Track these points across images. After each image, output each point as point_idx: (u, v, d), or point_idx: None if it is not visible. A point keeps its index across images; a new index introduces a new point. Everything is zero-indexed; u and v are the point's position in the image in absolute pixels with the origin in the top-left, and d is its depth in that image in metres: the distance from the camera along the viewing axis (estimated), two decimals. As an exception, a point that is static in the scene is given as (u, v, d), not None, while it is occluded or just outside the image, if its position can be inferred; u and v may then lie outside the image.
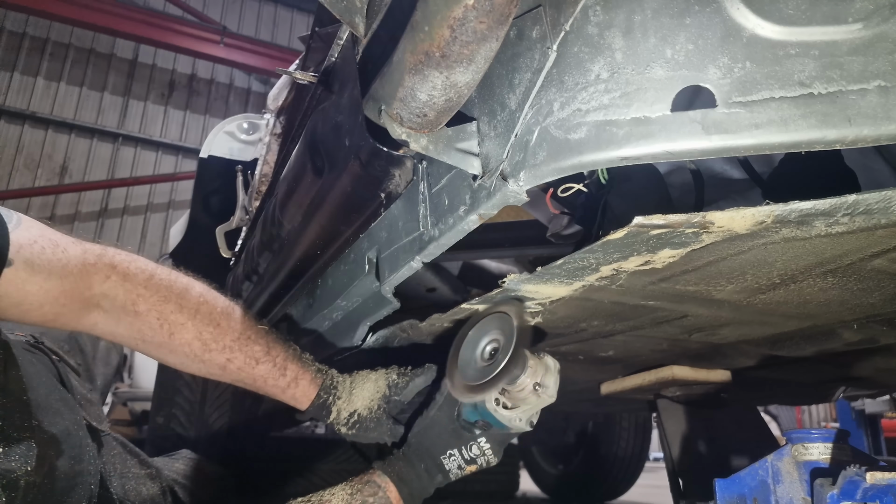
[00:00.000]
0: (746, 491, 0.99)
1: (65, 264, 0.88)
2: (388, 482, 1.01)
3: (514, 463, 3.58)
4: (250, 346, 1.07)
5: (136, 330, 0.99)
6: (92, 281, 0.93)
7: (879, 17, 0.58)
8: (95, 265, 0.93)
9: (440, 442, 1.05)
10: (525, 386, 0.99)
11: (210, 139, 2.99)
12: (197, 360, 1.05)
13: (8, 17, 9.26)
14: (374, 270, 1.13)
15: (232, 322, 1.06)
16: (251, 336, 1.08)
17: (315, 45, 1.58)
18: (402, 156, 0.91)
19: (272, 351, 1.09)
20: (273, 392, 1.11)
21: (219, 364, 1.05)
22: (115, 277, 0.95)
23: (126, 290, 0.96)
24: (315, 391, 1.12)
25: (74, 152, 9.56)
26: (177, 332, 1.01)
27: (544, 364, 1.02)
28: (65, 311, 0.91)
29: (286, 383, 1.10)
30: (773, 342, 1.24)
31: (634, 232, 0.70)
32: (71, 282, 0.89)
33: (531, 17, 0.70)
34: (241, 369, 1.07)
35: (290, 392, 1.11)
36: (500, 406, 1.01)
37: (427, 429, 1.06)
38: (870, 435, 5.99)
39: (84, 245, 0.93)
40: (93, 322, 0.96)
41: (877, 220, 0.68)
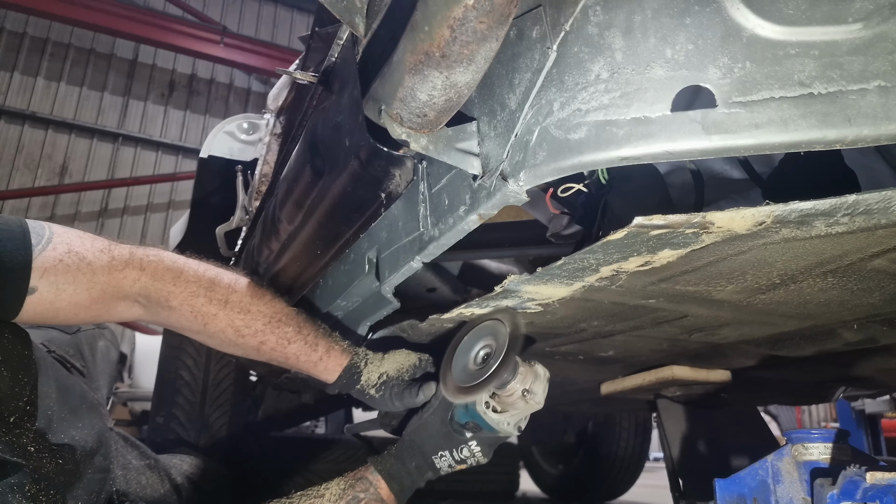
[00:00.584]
0: (746, 491, 0.99)
1: (90, 278, 0.97)
2: (379, 478, 1.06)
3: (514, 463, 3.58)
4: (281, 328, 1.13)
5: (174, 321, 1.08)
6: (122, 284, 1.01)
7: (879, 17, 0.58)
8: (123, 272, 1.01)
9: (432, 443, 1.09)
10: (514, 391, 1.04)
11: (210, 139, 2.98)
12: (232, 345, 1.13)
13: (8, 17, 9.26)
14: (374, 270, 1.13)
15: (262, 306, 1.12)
16: (281, 318, 1.14)
17: (315, 45, 1.58)
18: (402, 156, 0.91)
19: (303, 330, 1.15)
20: (306, 367, 1.16)
21: (253, 346, 1.12)
22: (145, 279, 1.03)
23: (157, 289, 1.04)
24: (346, 362, 1.17)
25: (74, 152, 9.56)
26: (210, 322, 1.08)
27: (534, 371, 1.06)
28: (101, 312, 1.00)
29: (318, 357, 1.16)
30: (773, 342, 1.24)
31: (634, 232, 0.70)
32: (99, 290, 0.98)
33: (531, 17, 0.70)
34: (275, 349, 1.13)
35: (321, 365, 1.16)
36: (490, 410, 1.04)
37: (420, 429, 1.10)
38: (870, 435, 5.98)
39: (112, 252, 1.01)
40: (135, 315, 1.06)
41: (877, 220, 0.68)
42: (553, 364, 1.54)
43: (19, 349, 0.94)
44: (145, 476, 1.33)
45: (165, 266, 1.05)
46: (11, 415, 0.89)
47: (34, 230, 0.93)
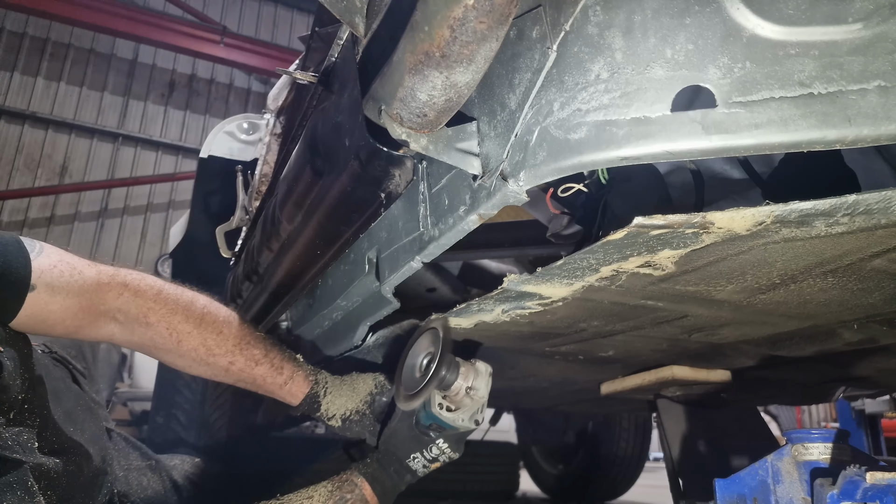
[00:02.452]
0: (746, 491, 0.99)
1: (81, 284, 1.01)
2: (363, 481, 1.14)
3: (514, 463, 3.58)
4: (250, 350, 1.19)
5: (148, 338, 1.12)
6: (106, 297, 1.05)
7: (879, 17, 0.58)
8: (109, 284, 1.06)
9: (403, 447, 1.18)
10: (459, 389, 1.13)
11: (210, 139, 2.98)
12: (203, 364, 1.17)
13: (8, 17, 9.26)
14: (374, 270, 1.13)
15: (233, 329, 1.18)
16: (250, 341, 1.20)
17: (315, 45, 1.58)
18: (402, 156, 0.91)
19: (269, 353, 1.22)
20: (271, 389, 1.22)
21: (222, 366, 1.18)
22: (128, 294, 1.08)
23: (137, 304, 1.08)
24: (308, 388, 1.24)
25: (74, 152, 9.55)
26: (184, 340, 1.13)
27: (475, 369, 1.15)
28: (84, 323, 1.04)
29: (283, 381, 1.22)
30: (773, 342, 1.24)
31: (634, 232, 0.70)
32: (87, 298, 1.02)
33: (531, 17, 0.70)
34: (243, 370, 1.19)
35: (286, 388, 1.23)
36: (444, 410, 1.13)
37: (391, 437, 1.19)
38: (870, 435, 5.98)
39: (98, 267, 1.06)
40: (111, 332, 1.10)
41: (877, 220, 0.68)
42: (553, 364, 1.54)
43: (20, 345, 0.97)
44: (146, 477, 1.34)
45: (147, 283, 1.11)
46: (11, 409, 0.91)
47: (27, 242, 0.99)
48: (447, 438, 1.17)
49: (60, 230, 9.26)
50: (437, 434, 1.16)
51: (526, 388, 1.95)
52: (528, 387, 1.92)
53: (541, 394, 2.09)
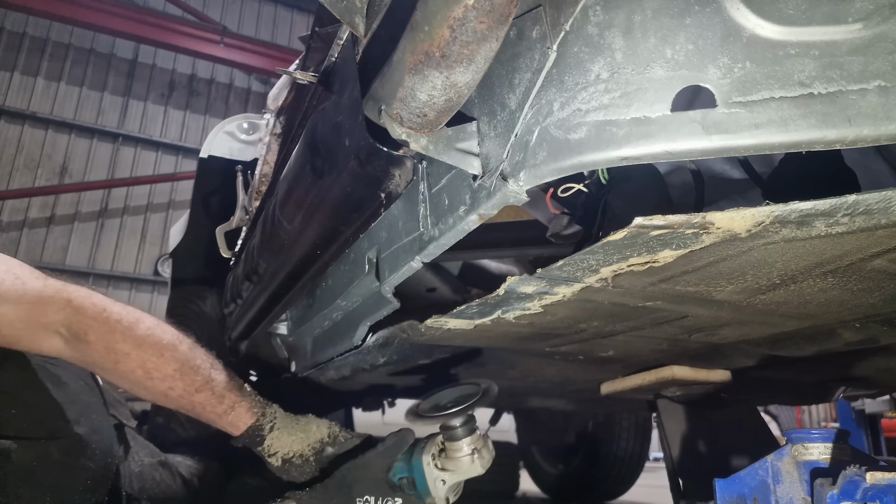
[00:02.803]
0: (746, 491, 0.99)
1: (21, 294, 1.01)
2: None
3: (514, 463, 3.57)
4: (190, 376, 1.17)
5: (88, 357, 1.10)
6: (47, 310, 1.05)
7: (879, 17, 0.58)
8: (52, 297, 1.05)
9: (362, 485, 1.12)
10: (463, 449, 1.08)
11: (210, 139, 2.98)
12: (141, 387, 1.15)
13: (8, 17, 9.26)
14: (374, 270, 1.13)
15: (176, 353, 1.16)
16: (193, 367, 1.17)
17: (315, 45, 1.58)
18: (402, 156, 0.91)
19: (212, 381, 1.19)
20: (210, 418, 1.20)
21: (160, 391, 1.16)
22: (69, 310, 1.06)
23: (78, 321, 1.07)
24: (251, 420, 1.21)
25: (74, 152, 9.56)
26: (121, 361, 1.11)
27: (485, 440, 1.12)
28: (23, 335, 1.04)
29: (223, 410, 1.20)
30: (773, 342, 1.24)
31: (635, 233, 0.70)
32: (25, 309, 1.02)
33: (531, 17, 0.70)
34: (181, 396, 1.17)
35: (225, 418, 1.20)
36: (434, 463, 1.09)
37: (358, 468, 1.14)
38: (870, 435, 5.98)
39: (47, 280, 1.06)
40: (57, 348, 1.08)
41: (877, 220, 0.67)
42: (553, 364, 1.54)
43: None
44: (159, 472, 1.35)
45: (92, 301, 1.10)
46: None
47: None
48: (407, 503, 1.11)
49: (60, 230, 9.26)
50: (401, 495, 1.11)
51: (526, 388, 1.95)
52: (528, 387, 1.92)
53: (541, 394, 2.10)
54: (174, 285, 2.95)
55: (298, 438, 1.22)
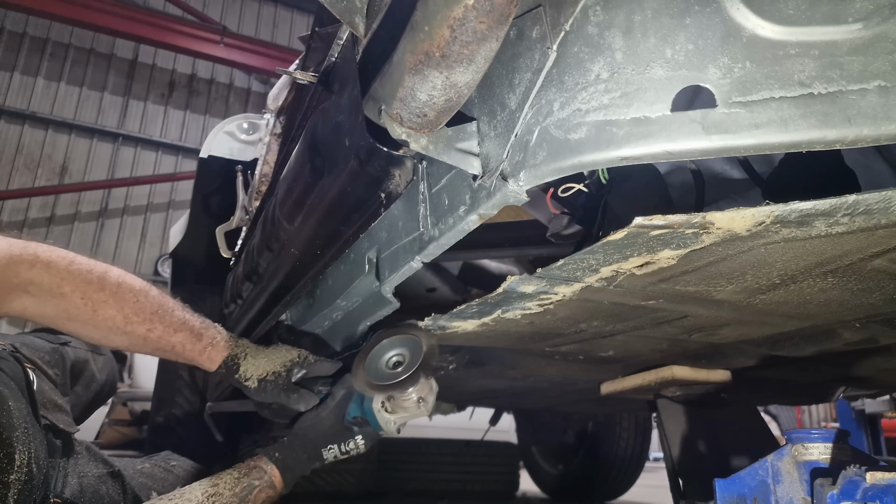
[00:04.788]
0: (746, 491, 0.99)
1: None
2: (272, 467, 1.18)
3: (514, 463, 3.58)
4: (168, 317, 1.20)
5: (62, 310, 1.10)
6: (19, 269, 1.04)
7: (879, 17, 0.58)
8: (21, 255, 1.05)
9: (324, 437, 1.23)
10: (411, 397, 1.21)
11: (210, 139, 2.98)
12: (119, 333, 1.16)
13: (8, 17, 9.26)
14: (374, 270, 1.13)
15: (150, 298, 1.19)
16: (168, 309, 1.21)
17: (315, 45, 1.58)
18: (401, 156, 0.91)
19: (188, 321, 1.24)
20: (190, 356, 1.24)
21: (140, 335, 1.18)
22: (40, 266, 1.06)
23: (51, 275, 1.07)
24: (227, 352, 1.28)
25: (74, 152, 9.56)
26: (100, 309, 1.12)
27: (429, 385, 1.24)
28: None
29: (202, 347, 1.25)
30: (773, 342, 1.24)
31: (635, 233, 0.70)
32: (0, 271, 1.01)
33: (531, 17, 0.70)
34: (161, 338, 1.20)
35: (205, 354, 1.25)
36: (383, 409, 1.21)
37: (316, 425, 1.23)
38: (870, 435, 5.98)
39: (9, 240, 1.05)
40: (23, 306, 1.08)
41: (877, 220, 0.68)
42: (553, 364, 1.54)
43: None
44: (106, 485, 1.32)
45: (59, 255, 1.10)
46: None
47: None
48: (366, 435, 1.24)
49: (60, 230, 9.26)
50: (359, 430, 1.23)
51: (526, 388, 1.95)
52: (528, 387, 1.92)
53: (541, 394, 2.09)
54: (174, 285, 2.95)
55: (270, 360, 1.29)
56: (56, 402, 1.32)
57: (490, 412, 3.34)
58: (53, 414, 1.27)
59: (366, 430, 1.23)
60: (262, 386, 1.26)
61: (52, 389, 1.34)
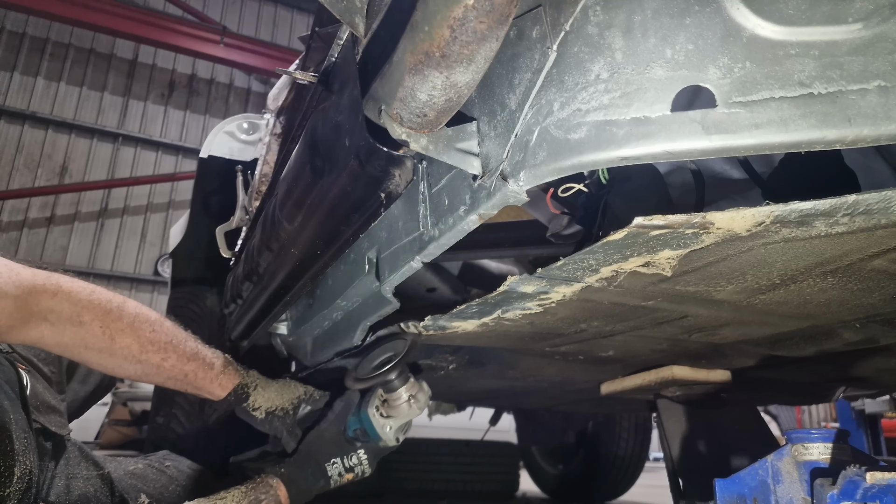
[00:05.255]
0: (746, 491, 0.99)
1: (18, 284, 1.03)
2: (278, 482, 1.20)
3: (514, 463, 3.58)
4: (181, 347, 1.25)
5: (80, 338, 1.13)
6: (41, 297, 1.07)
7: (879, 17, 0.58)
8: (44, 284, 1.07)
9: (326, 450, 1.26)
10: (401, 396, 1.24)
11: (210, 139, 2.98)
12: (134, 361, 1.20)
13: (8, 17, 9.26)
14: (374, 270, 1.13)
15: (165, 328, 1.24)
16: (181, 339, 1.26)
17: (315, 45, 1.58)
18: (401, 156, 0.91)
19: (200, 351, 1.28)
20: (202, 384, 1.29)
21: (154, 363, 1.21)
22: (62, 295, 1.09)
23: (72, 304, 1.10)
24: (237, 380, 1.32)
25: (74, 152, 9.56)
26: (117, 337, 1.16)
27: (420, 385, 1.27)
28: (16, 324, 1.05)
29: (213, 375, 1.29)
30: (773, 342, 1.24)
31: (634, 232, 0.70)
32: (23, 299, 1.04)
33: (531, 17, 0.70)
34: (174, 366, 1.24)
35: (215, 382, 1.30)
36: (378, 414, 1.24)
37: (317, 438, 1.27)
38: (870, 435, 5.99)
39: (33, 270, 1.08)
40: (41, 335, 1.10)
41: (877, 220, 0.67)
42: (553, 364, 1.54)
43: None
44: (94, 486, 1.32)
45: (80, 285, 1.13)
46: None
47: None
48: (368, 450, 1.27)
49: (60, 230, 9.27)
50: (361, 444, 1.27)
51: (526, 388, 1.95)
52: (528, 387, 1.92)
53: (541, 394, 2.09)
54: (174, 285, 2.95)
55: (279, 395, 1.35)
56: (49, 403, 1.32)
57: (490, 412, 3.34)
58: (46, 416, 1.27)
59: (368, 444, 1.27)
60: (268, 418, 1.33)
61: (46, 389, 1.34)
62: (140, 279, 9.56)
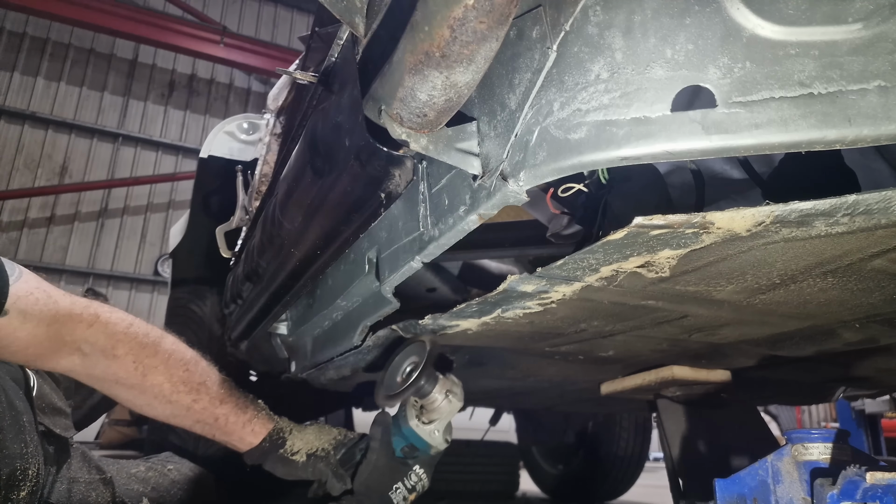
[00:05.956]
0: (746, 491, 0.99)
1: (55, 313, 1.01)
2: None
3: (514, 463, 3.58)
4: (215, 389, 1.21)
5: (111, 373, 1.11)
6: (76, 327, 1.05)
7: (879, 17, 0.58)
8: (81, 314, 1.05)
9: (385, 480, 1.21)
10: (437, 398, 1.21)
11: (210, 139, 2.98)
12: (164, 401, 1.16)
13: (8, 17, 9.26)
14: (374, 270, 1.13)
15: (199, 368, 1.20)
16: (215, 381, 1.22)
17: (315, 45, 1.58)
18: (401, 156, 0.91)
19: (234, 393, 1.24)
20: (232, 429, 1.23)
21: (184, 405, 1.17)
22: (98, 325, 1.07)
23: (107, 335, 1.08)
24: (271, 425, 1.27)
25: (74, 152, 9.55)
26: (150, 374, 1.13)
27: (451, 380, 1.24)
28: (46, 353, 1.03)
29: (246, 419, 1.24)
30: (773, 342, 1.24)
31: (634, 232, 0.70)
32: (56, 328, 1.02)
33: (531, 17, 0.70)
34: (206, 409, 1.19)
35: (248, 427, 1.24)
36: (420, 422, 1.21)
37: (371, 472, 1.21)
38: (870, 435, 5.99)
39: (73, 297, 1.06)
40: (71, 365, 1.08)
41: (877, 220, 0.68)
42: (553, 364, 1.54)
43: None
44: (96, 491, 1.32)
45: (118, 316, 1.11)
46: None
47: (7, 264, 0.98)
48: (423, 464, 1.23)
49: (60, 230, 9.26)
50: (414, 460, 1.23)
51: (526, 388, 1.95)
52: (528, 387, 1.92)
53: (541, 394, 2.09)
54: (174, 285, 2.95)
55: (316, 437, 1.29)
56: (55, 404, 1.31)
57: (490, 412, 3.34)
58: (51, 418, 1.26)
59: (419, 458, 1.23)
60: (310, 461, 1.26)
61: (53, 391, 1.34)
62: (140, 279, 9.56)
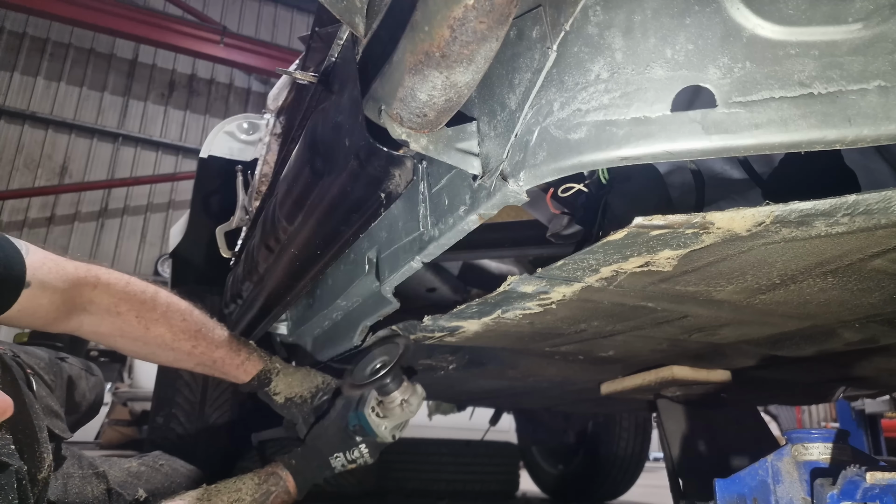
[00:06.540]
0: (746, 491, 0.99)
1: (65, 278, 1.09)
2: (287, 474, 1.28)
3: (514, 463, 3.58)
4: (211, 335, 1.32)
5: (116, 328, 1.20)
6: (83, 290, 1.13)
7: (879, 17, 0.58)
8: (86, 277, 1.13)
9: (330, 445, 1.33)
10: (395, 400, 1.31)
11: (210, 139, 2.98)
12: (167, 349, 1.27)
13: (8, 17, 9.26)
14: (374, 270, 1.13)
15: (194, 316, 1.31)
16: (210, 327, 1.33)
17: (315, 45, 1.58)
18: (401, 156, 0.91)
19: (227, 338, 1.36)
20: (227, 370, 1.36)
21: (185, 350, 1.29)
22: (101, 286, 1.16)
23: (110, 295, 1.17)
24: (261, 366, 1.40)
25: (74, 152, 9.56)
26: (152, 326, 1.23)
27: (414, 388, 1.35)
28: (61, 316, 1.11)
29: (240, 361, 1.37)
30: (773, 342, 1.24)
31: (634, 232, 0.70)
32: (69, 293, 1.10)
33: (531, 17, 0.70)
34: (204, 353, 1.31)
35: (242, 368, 1.37)
36: (374, 414, 1.31)
37: (322, 433, 1.35)
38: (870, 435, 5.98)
39: (75, 263, 1.14)
40: (79, 324, 1.16)
41: (877, 220, 0.68)
42: (553, 364, 1.54)
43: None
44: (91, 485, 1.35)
45: (117, 276, 1.20)
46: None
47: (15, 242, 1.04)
48: (368, 444, 1.34)
49: (60, 230, 9.26)
50: (361, 438, 1.33)
51: (526, 388, 1.95)
52: (529, 387, 1.92)
53: (541, 394, 2.09)
54: (174, 285, 2.95)
55: (299, 382, 1.42)
56: (52, 407, 1.34)
57: (490, 412, 3.34)
58: (50, 420, 1.28)
59: (367, 438, 1.33)
60: (286, 404, 1.41)
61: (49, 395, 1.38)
62: (140, 279, 9.55)
